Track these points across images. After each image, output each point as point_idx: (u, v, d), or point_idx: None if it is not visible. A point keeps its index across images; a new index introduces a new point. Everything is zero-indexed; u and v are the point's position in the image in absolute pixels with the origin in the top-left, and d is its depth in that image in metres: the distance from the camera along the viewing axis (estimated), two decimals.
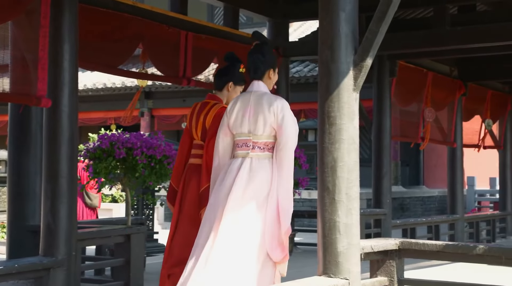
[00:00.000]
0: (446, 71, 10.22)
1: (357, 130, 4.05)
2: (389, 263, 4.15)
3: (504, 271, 4.83)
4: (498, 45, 8.09)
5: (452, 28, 7.92)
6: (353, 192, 3.96)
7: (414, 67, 9.44)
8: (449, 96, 10.24)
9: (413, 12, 9.32)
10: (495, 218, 11.65)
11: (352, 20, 3.99)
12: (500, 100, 11.91)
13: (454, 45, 8.14)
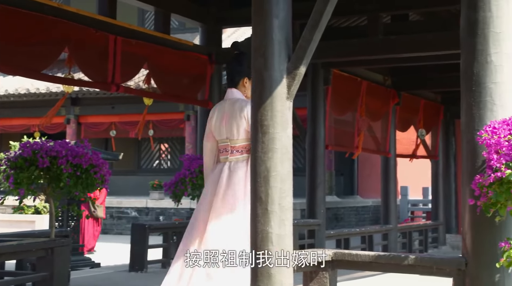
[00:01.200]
0: (380, 80, 10.47)
1: (290, 139, 4.09)
2: (322, 275, 4.21)
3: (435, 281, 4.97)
4: (431, 54, 8.35)
5: (386, 37, 8.13)
6: (286, 202, 4.01)
7: (348, 75, 9.63)
8: (383, 105, 10.49)
9: (347, 20, 9.52)
10: (427, 228, 11.98)
11: (285, 27, 4.04)
12: (433, 110, 12.28)
13: (387, 54, 8.35)
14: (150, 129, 17.67)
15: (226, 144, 4.65)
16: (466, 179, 3.87)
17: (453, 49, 5.33)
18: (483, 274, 3.76)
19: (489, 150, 3.51)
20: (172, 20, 13.64)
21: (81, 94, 17.21)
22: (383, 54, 8.32)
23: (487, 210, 3.53)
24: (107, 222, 16.56)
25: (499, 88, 3.88)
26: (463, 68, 4.00)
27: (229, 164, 4.59)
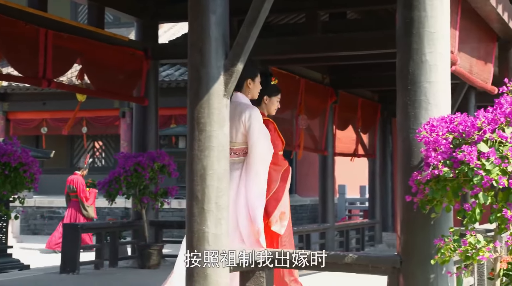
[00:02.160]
0: (318, 78, 10.59)
1: (227, 137, 4.10)
2: (259, 274, 4.23)
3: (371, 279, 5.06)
4: (368, 53, 8.50)
5: (324, 35, 8.23)
6: (223, 202, 4.01)
7: (287, 73, 9.70)
8: (321, 103, 10.61)
9: (285, 17, 9.59)
10: (364, 227, 12.19)
11: (222, 23, 4.04)
12: (371, 108, 12.50)
13: (325, 52, 8.45)
14: (84, 126, 17.38)
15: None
16: (401, 177, 3.96)
17: (390, 48, 5.44)
18: (418, 272, 3.85)
19: (427, 148, 3.60)
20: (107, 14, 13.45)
21: (10, 89, 16.77)
22: (321, 52, 8.41)
23: (424, 207, 3.62)
24: (38, 222, 16.20)
25: (434, 87, 3.98)
26: (399, 67, 4.09)
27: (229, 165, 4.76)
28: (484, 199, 3.37)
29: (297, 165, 18.58)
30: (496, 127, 3.47)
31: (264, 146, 4.70)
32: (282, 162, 5.12)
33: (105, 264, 8.09)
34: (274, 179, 4.92)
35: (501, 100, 3.57)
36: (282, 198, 4.95)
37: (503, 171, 3.32)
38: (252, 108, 4.78)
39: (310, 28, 8.28)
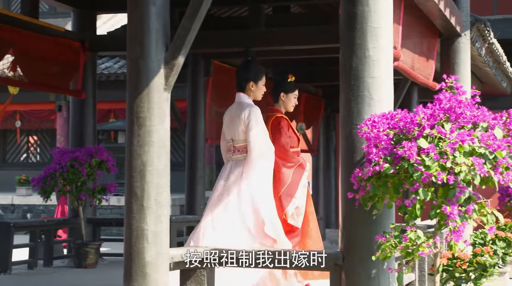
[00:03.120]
0: None
1: (168, 132, 4.08)
2: (200, 273, 4.23)
3: None
4: (312, 47, 8.57)
5: (268, 29, 8.26)
6: (163, 198, 3.99)
7: (230, 67, 9.70)
8: (266, 99, 10.63)
9: (228, 10, 9.58)
10: None
11: (163, 15, 4.01)
12: (314, 103, 12.61)
13: (268, 46, 8.48)
14: (17, 120, 16.99)
15: (230, 144, 5.18)
16: (344, 174, 4.01)
17: (333, 43, 5.50)
18: (359, 268, 3.92)
19: (369, 144, 3.66)
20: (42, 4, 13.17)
21: None
22: (264, 46, 8.44)
23: (365, 204, 3.69)
24: None
25: (377, 83, 4.05)
26: (342, 62, 4.14)
27: (232, 163, 5.11)
28: (424, 195, 3.46)
29: None
30: (435, 123, 3.55)
31: (262, 142, 4.99)
32: (293, 159, 5.40)
33: (39, 264, 7.94)
34: (285, 175, 5.20)
35: (440, 96, 3.66)
36: (296, 193, 5.19)
37: (442, 167, 3.41)
38: (252, 107, 5.11)
39: (253, 22, 8.29)
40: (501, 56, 10.51)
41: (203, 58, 9.15)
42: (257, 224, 4.84)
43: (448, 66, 7.21)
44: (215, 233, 4.84)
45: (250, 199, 4.90)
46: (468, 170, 3.39)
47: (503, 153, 3.45)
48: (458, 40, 7.20)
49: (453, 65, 7.22)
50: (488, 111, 3.68)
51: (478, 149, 3.45)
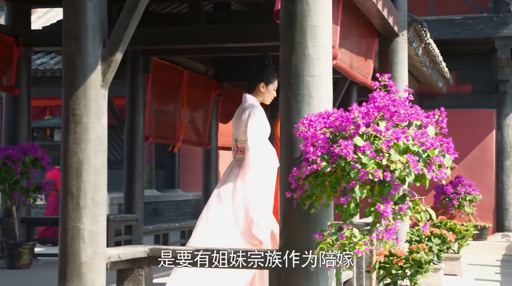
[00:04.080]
0: (202, 70, 10.59)
1: (105, 130, 4.03)
2: (138, 272, 4.20)
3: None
4: (252, 45, 8.59)
5: (208, 26, 8.24)
6: (100, 197, 3.94)
7: (170, 64, 9.64)
8: (205, 96, 10.63)
9: (168, 6, 9.52)
10: None
11: (100, 10, 3.96)
12: None
13: (208, 44, 8.46)
14: None
15: (234, 144, 5.33)
16: (284, 172, 4.04)
17: (273, 41, 5.53)
18: (299, 266, 3.95)
19: (306, 143, 3.70)
20: None
21: None
22: (204, 43, 8.41)
23: (303, 203, 3.72)
24: None
25: (316, 81, 4.09)
26: (282, 61, 4.17)
27: (234, 163, 5.27)
28: (360, 193, 3.51)
29: (180, 159, 18.53)
30: (370, 121, 3.61)
31: (258, 143, 5.07)
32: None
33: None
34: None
35: (374, 95, 3.72)
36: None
37: (378, 164, 3.47)
38: (253, 108, 5.21)
39: (193, 18, 8.27)
40: (437, 56, 10.77)
41: (142, 55, 9.07)
42: (246, 223, 4.95)
43: (387, 66, 7.34)
44: (208, 227, 5.01)
45: (243, 198, 5.00)
46: (403, 167, 3.46)
47: (435, 151, 3.54)
48: (396, 40, 7.34)
49: (391, 65, 7.35)
50: (421, 110, 3.76)
51: (412, 147, 3.52)
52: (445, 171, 3.57)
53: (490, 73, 14.21)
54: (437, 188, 13.24)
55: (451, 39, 13.51)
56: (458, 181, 13.27)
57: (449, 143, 3.64)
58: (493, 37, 13.55)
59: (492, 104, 14.34)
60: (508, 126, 14.31)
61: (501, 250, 13.09)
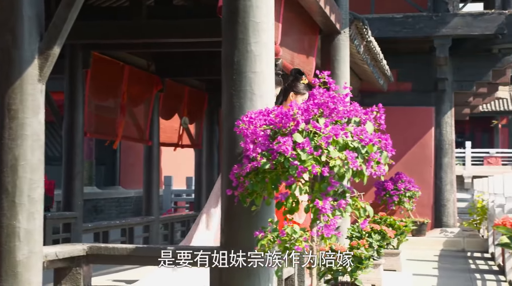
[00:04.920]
0: (143, 65, 10.48)
1: (42, 125, 3.95)
2: (76, 271, 4.12)
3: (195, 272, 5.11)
4: (195, 41, 8.54)
5: (149, 21, 8.15)
6: (37, 194, 3.86)
7: (110, 59, 9.50)
8: (146, 92, 10.52)
9: (109, 0, 9.38)
10: (189, 219, 12.29)
11: (37, 2, 3.87)
12: (198, 98, 12.60)
13: (150, 39, 8.38)
14: None
15: None
16: (225, 169, 4.02)
17: (216, 37, 5.51)
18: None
19: (246, 140, 3.69)
20: None
21: None
22: (146, 38, 8.33)
23: (244, 200, 3.72)
24: None
25: (259, 78, 4.09)
26: (224, 57, 4.15)
27: None
28: (297, 190, 3.52)
29: (122, 156, 18.35)
30: (310, 118, 3.64)
31: None
32: None
33: None
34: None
35: (314, 92, 3.75)
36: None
37: (316, 161, 3.49)
38: None
39: (134, 13, 8.17)
40: (378, 54, 10.93)
41: (81, 49, 8.91)
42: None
43: (329, 63, 7.41)
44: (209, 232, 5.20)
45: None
46: (342, 163, 3.49)
47: (374, 148, 3.58)
48: (338, 37, 7.41)
49: (333, 62, 7.43)
50: (360, 107, 3.81)
51: (351, 143, 3.56)
52: (383, 168, 3.62)
53: (429, 71, 14.53)
54: (377, 184, 13.45)
55: (392, 37, 13.74)
56: (398, 177, 13.51)
57: (387, 139, 3.69)
58: (432, 36, 13.85)
59: (431, 102, 14.66)
60: (447, 123, 14.66)
61: (439, 245, 13.42)
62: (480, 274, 9.96)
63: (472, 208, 16.09)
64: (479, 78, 14.64)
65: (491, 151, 30.30)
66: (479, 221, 15.13)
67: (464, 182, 27.69)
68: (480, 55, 14.43)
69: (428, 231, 13.95)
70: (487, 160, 29.22)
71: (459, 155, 28.60)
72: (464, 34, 13.75)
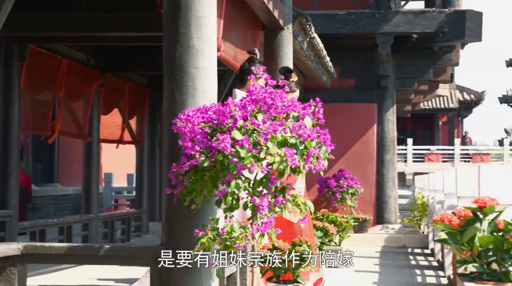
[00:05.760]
0: (83, 59, 10.31)
1: None
2: (10, 271, 4.02)
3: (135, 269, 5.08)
4: (136, 35, 8.45)
5: (89, 13, 8.02)
6: None
7: (47, 52, 9.31)
8: (85, 86, 10.36)
9: None
10: (130, 217, 12.17)
11: None
12: (139, 93, 12.47)
13: (90, 32, 8.25)
14: None
15: None
16: (167, 167, 3.98)
17: (157, 31, 5.46)
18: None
19: (184, 138, 3.66)
20: None
21: None
22: (85, 31, 8.20)
23: (184, 199, 3.68)
24: None
25: (201, 73, 4.07)
26: (166, 51, 4.12)
27: None
28: (235, 187, 3.51)
29: (60, 152, 17.99)
30: (248, 114, 3.63)
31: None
32: None
33: None
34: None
35: (251, 88, 3.75)
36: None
37: (255, 158, 3.48)
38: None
39: (73, 5, 8.02)
40: (322, 50, 11.02)
41: (17, 42, 8.70)
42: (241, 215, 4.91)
43: (272, 59, 7.43)
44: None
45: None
46: (280, 160, 3.49)
47: (313, 143, 3.60)
48: (281, 33, 7.44)
49: (277, 58, 7.45)
50: (298, 102, 3.82)
51: (290, 139, 3.56)
52: (322, 163, 3.64)
53: (372, 68, 14.72)
54: (320, 181, 13.56)
55: (335, 34, 13.87)
56: (341, 174, 13.66)
57: (326, 134, 3.71)
58: (375, 33, 14.03)
59: (374, 99, 14.86)
60: (389, 120, 14.89)
61: (380, 242, 13.63)
62: (420, 270, 10.16)
63: (413, 205, 16.40)
64: (420, 76, 14.91)
65: (432, 148, 30.95)
66: (420, 218, 15.43)
67: (405, 178, 28.19)
68: (421, 53, 14.69)
69: (370, 227, 14.15)
70: (428, 157, 29.83)
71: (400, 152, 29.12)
72: (406, 31, 13.98)
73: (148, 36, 8.28)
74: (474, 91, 41.12)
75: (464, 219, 6.15)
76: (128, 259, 4.08)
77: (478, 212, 6.08)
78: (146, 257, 4.03)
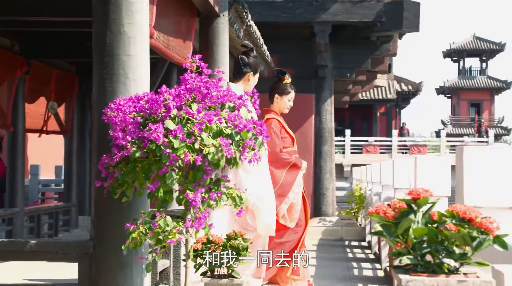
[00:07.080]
0: (6, 45, 10.06)
1: None
2: None
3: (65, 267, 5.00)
4: (64, 20, 8.29)
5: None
6: None
7: None
8: (8, 73, 10.10)
9: None
10: (58, 210, 11.97)
11: None
12: (67, 81, 12.24)
13: (14, 16, 8.05)
14: None
15: None
16: (96, 158, 3.93)
17: (87, 16, 5.37)
18: (111, 257, 3.90)
19: (115, 128, 3.62)
20: None
21: None
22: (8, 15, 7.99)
23: (114, 192, 3.64)
24: None
25: (133, 61, 4.03)
26: (95, 38, 4.06)
27: None
28: (169, 179, 3.49)
29: None
30: (182, 103, 3.61)
31: None
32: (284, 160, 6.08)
33: None
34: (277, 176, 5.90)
35: (185, 76, 3.73)
36: (288, 194, 5.96)
37: (190, 148, 3.47)
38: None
39: None
40: (259, 39, 11.04)
41: None
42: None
43: (207, 47, 7.40)
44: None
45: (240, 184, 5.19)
46: (215, 151, 3.50)
47: (249, 134, 3.62)
48: (217, 20, 7.42)
49: (212, 46, 7.42)
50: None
51: (226, 130, 3.57)
52: (259, 154, 3.67)
53: (310, 58, 14.84)
54: None
55: (272, 22, 13.92)
56: None
57: (262, 125, 3.74)
58: (312, 21, 14.14)
59: (312, 89, 14.99)
60: (327, 111, 15.05)
61: (317, 234, 13.80)
62: (357, 262, 10.34)
63: (351, 197, 16.66)
64: (358, 66, 15.11)
65: (370, 140, 31.47)
66: (357, 210, 15.68)
67: (343, 170, 28.60)
68: (359, 42, 14.89)
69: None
70: (366, 148, 30.32)
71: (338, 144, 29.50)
72: (344, 20, 14.13)
73: (77, 21, 8.14)
74: (411, 82, 42.00)
75: (399, 211, 6.27)
76: (55, 254, 4.02)
77: (413, 204, 6.20)
78: (74, 252, 3.98)
